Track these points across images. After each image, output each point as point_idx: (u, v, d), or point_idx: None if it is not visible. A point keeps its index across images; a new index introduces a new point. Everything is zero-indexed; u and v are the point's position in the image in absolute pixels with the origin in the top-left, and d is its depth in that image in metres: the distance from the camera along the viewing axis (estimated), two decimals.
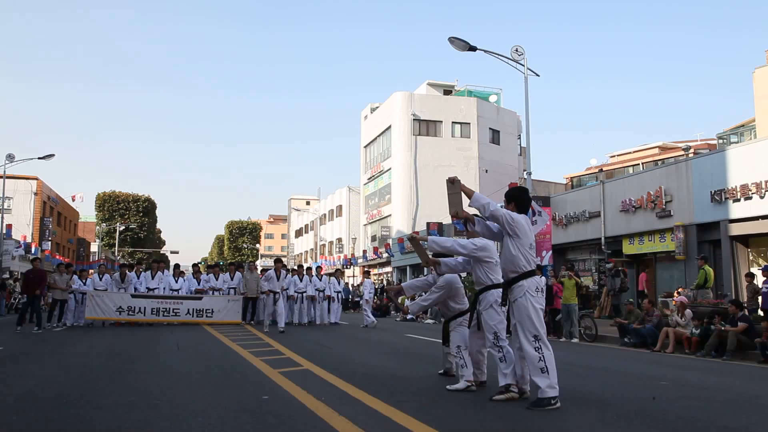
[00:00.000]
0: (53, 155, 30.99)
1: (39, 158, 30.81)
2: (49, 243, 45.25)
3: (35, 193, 46.36)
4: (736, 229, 15.88)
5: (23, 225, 43.62)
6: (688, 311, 11.67)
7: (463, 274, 7.02)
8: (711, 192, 16.41)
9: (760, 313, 11.84)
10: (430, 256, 6.41)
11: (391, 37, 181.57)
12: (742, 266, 15.98)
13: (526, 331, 5.12)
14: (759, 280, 13.19)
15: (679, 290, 14.56)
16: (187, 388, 5.96)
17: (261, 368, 7.39)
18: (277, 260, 15.53)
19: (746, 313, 11.10)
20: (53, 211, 50.49)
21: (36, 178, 46.66)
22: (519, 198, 5.55)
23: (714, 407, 5.42)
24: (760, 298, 12.21)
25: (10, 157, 30.42)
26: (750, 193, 15.25)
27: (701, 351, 10.61)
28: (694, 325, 11.38)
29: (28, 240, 41.22)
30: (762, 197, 14.97)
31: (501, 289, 5.65)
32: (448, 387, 6.00)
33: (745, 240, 16.19)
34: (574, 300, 13.32)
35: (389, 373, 7.22)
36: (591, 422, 4.57)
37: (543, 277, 5.92)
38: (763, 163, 15.14)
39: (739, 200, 15.61)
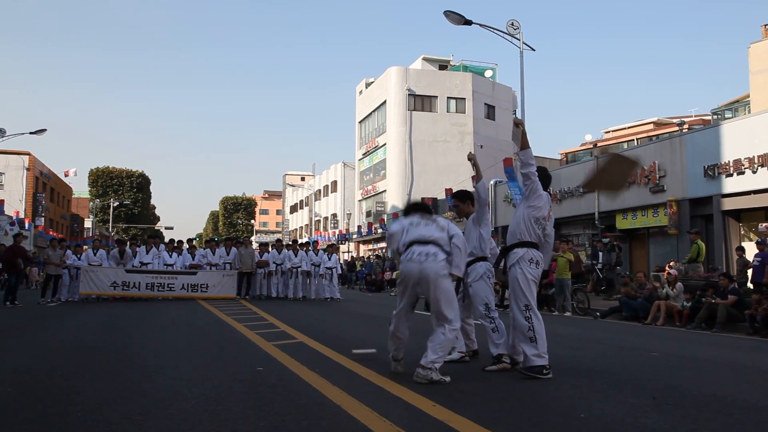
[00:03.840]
0: (45, 130, 30.76)
1: (30, 133, 30.58)
2: (43, 219, 45.05)
3: (27, 169, 46.01)
4: (729, 204, 15.96)
5: (15, 201, 43.39)
6: (679, 284, 11.79)
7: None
8: (704, 167, 16.45)
9: (750, 285, 11.98)
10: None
11: (387, 12, 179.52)
12: (733, 240, 16.11)
13: (518, 300, 5.21)
14: (749, 254, 13.30)
15: (671, 264, 14.67)
16: (182, 361, 5.99)
17: (255, 341, 7.44)
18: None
19: (736, 286, 11.23)
20: (46, 187, 50.17)
21: (28, 154, 46.25)
22: (540, 177, 5.57)
23: (703, 377, 5.51)
24: (749, 271, 12.33)
25: (2, 132, 30.14)
26: (743, 168, 15.29)
27: (692, 324, 10.73)
28: (685, 298, 11.51)
29: (21, 216, 41.03)
30: (754, 172, 15.02)
31: (490, 262, 5.69)
32: None
33: (737, 215, 16.29)
34: (567, 275, 13.41)
35: (383, 346, 7.25)
36: (582, 390, 4.63)
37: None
38: (756, 138, 15.16)
39: (732, 175, 15.66)
